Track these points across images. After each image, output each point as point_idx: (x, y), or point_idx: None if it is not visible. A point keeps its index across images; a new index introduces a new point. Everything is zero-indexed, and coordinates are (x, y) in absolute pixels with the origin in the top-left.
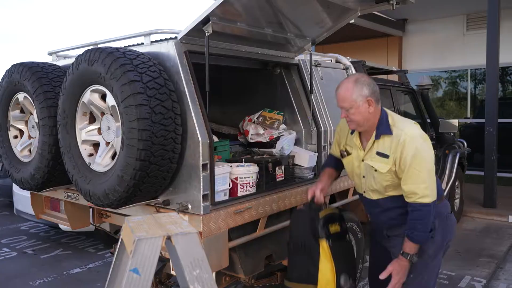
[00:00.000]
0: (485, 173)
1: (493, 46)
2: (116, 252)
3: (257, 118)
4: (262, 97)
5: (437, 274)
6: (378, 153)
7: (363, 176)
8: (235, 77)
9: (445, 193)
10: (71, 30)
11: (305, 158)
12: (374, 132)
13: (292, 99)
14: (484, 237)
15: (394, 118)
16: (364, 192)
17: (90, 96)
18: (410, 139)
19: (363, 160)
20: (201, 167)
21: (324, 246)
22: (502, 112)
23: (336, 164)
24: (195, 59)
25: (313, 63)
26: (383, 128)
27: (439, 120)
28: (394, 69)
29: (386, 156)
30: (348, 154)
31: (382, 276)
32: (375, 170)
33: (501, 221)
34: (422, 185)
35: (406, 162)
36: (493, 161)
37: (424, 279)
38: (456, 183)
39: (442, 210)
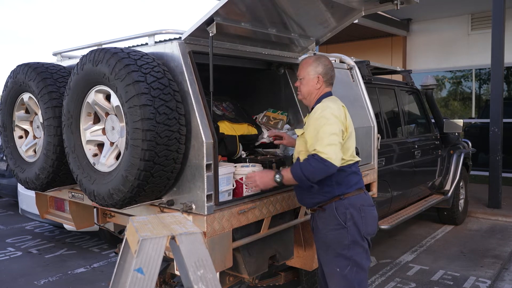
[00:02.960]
0: (490, 173)
1: (498, 46)
2: (120, 252)
3: (261, 119)
4: (266, 97)
5: (362, 269)
6: (304, 123)
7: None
8: (239, 77)
9: (449, 194)
10: (76, 31)
11: None
12: None
13: (296, 99)
14: (489, 238)
15: (328, 98)
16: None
17: (94, 96)
18: (322, 108)
19: None
20: (205, 167)
21: None
22: (507, 112)
23: None
24: (199, 60)
25: None
26: (315, 104)
27: (444, 120)
28: (398, 69)
29: (304, 123)
30: None
31: (246, 176)
32: (297, 136)
33: (506, 221)
34: (320, 143)
35: (310, 123)
36: (498, 161)
37: (347, 271)
38: (461, 184)
39: (356, 202)
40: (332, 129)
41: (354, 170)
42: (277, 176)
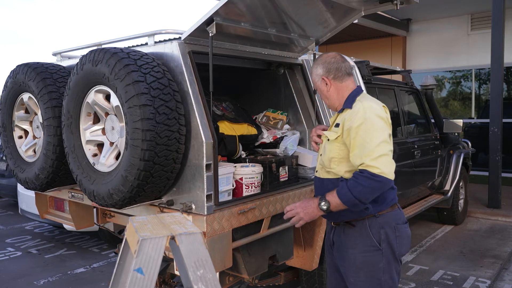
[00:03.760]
0: (490, 173)
1: (497, 46)
2: (120, 252)
3: (261, 119)
4: (265, 97)
5: None
6: (336, 125)
7: (321, 154)
8: (238, 77)
9: (449, 194)
10: (76, 31)
11: (309, 159)
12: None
13: (296, 99)
14: (488, 238)
15: (363, 96)
16: (316, 171)
17: (94, 96)
18: (364, 109)
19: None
20: (204, 168)
21: None
22: (506, 112)
23: None
24: (199, 60)
25: None
26: (347, 103)
27: (444, 120)
28: (398, 69)
29: (338, 125)
30: None
31: (286, 210)
32: (328, 140)
33: (506, 221)
34: (368, 155)
35: (353, 129)
36: (498, 161)
37: None
38: (460, 184)
39: (391, 220)
40: (381, 136)
41: (392, 184)
42: (323, 203)
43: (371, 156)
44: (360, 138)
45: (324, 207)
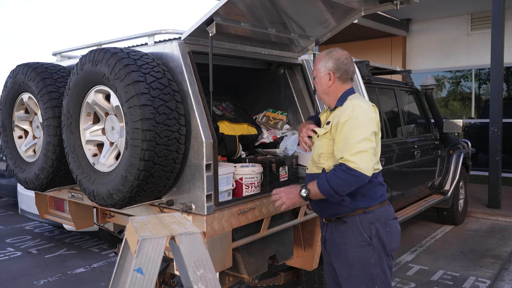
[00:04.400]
0: (490, 173)
1: (497, 46)
2: (120, 252)
3: (261, 119)
4: (265, 97)
5: (388, 286)
6: (327, 122)
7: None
8: (238, 77)
9: (449, 194)
10: (76, 31)
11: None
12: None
13: (296, 99)
14: (488, 238)
15: (355, 96)
16: (308, 168)
17: (94, 96)
18: (353, 106)
19: None
20: (204, 167)
21: None
22: (506, 112)
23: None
24: (198, 60)
25: None
26: (340, 101)
27: (443, 120)
28: (398, 69)
29: (329, 123)
30: None
31: (272, 193)
32: (318, 136)
33: (506, 221)
34: (348, 150)
35: (340, 125)
36: (498, 161)
37: None
38: (460, 184)
39: (381, 215)
40: (364, 133)
41: (380, 181)
42: (303, 191)
43: (351, 151)
44: (344, 133)
45: (304, 194)
